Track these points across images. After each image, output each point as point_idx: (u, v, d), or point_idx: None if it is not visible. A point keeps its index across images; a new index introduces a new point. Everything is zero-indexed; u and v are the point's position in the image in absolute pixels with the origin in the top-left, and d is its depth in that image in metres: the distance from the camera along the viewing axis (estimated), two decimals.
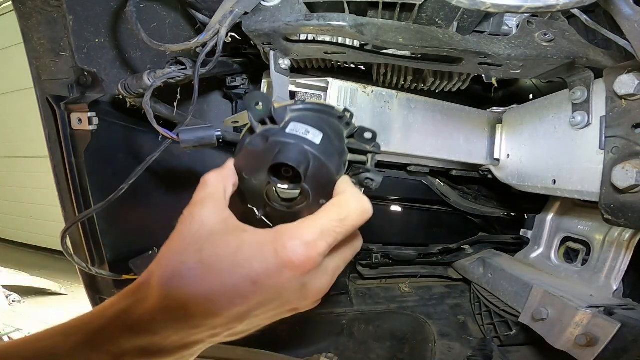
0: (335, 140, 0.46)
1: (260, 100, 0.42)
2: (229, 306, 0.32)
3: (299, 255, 0.32)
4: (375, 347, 0.80)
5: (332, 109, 0.48)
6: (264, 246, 0.33)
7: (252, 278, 0.32)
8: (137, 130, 0.64)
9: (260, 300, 0.33)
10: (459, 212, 0.86)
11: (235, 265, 0.32)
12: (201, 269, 0.33)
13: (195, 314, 0.32)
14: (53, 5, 0.54)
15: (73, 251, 0.64)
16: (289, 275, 0.32)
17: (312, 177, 0.42)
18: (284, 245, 0.32)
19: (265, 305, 0.34)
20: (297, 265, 0.32)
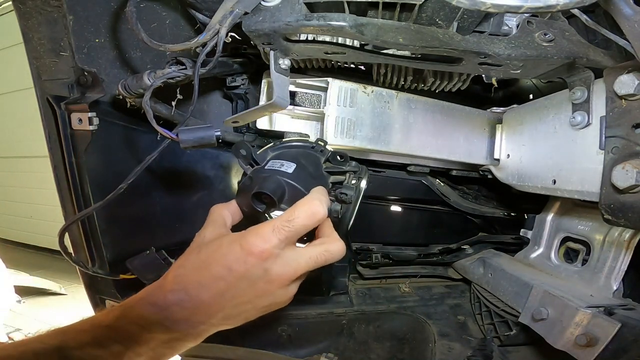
0: (310, 167, 0.58)
1: (243, 148, 0.56)
2: (214, 286, 0.46)
3: (256, 246, 0.45)
4: (375, 347, 0.80)
5: (305, 142, 0.62)
6: (233, 243, 0.47)
7: (227, 265, 0.46)
8: (137, 130, 0.64)
9: (234, 282, 0.46)
10: (459, 212, 0.86)
11: (215, 258, 0.47)
12: (196, 262, 0.48)
13: (193, 293, 0.46)
14: (53, 5, 0.54)
15: (73, 251, 0.64)
16: (252, 261, 0.46)
17: (290, 199, 0.53)
18: (246, 240, 0.46)
19: (240, 287, 0.47)
20: (255, 253, 0.45)
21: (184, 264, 0.49)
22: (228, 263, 0.46)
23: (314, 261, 0.49)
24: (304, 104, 0.67)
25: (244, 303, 0.48)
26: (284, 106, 0.53)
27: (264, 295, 0.48)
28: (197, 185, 0.74)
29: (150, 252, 0.63)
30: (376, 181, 0.79)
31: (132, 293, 0.66)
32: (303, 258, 0.49)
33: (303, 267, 0.49)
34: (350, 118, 0.64)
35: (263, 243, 0.46)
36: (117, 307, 0.47)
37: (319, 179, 0.58)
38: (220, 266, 0.46)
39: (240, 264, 0.46)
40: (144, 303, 0.46)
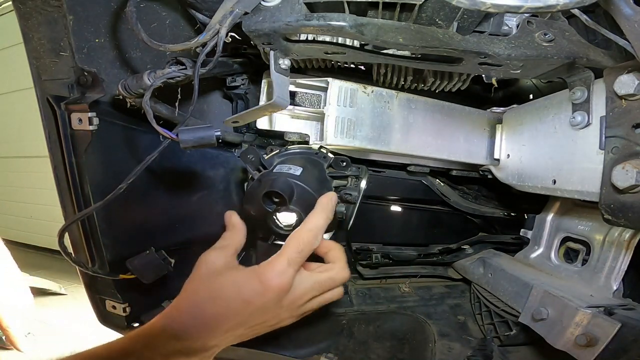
0: (315, 171, 0.63)
1: (251, 153, 0.60)
2: (231, 318, 0.49)
3: (274, 281, 0.49)
4: (375, 347, 0.80)
5: (309, 149, 0.67)
6: (251, 279, 0.50)
7: (245, 300, 0.49)
8: (137, 130, 0.64)
9: (250, 313, 0.49)
10: (459, 212, 0.86)
11: (233, 292, 0.49)
12: (211, 292, 0.50)
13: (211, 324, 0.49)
14: (53, 5, 0.54)
15: (73, 251, 0.64)
16: (270, 295, 0.49)
17: (298, 200, 0.57)
18: (265, 276, 0.49)
19: (254, 318, 0.50)
20: (273, 288, 0.49)
21: (197, 292, 0.51)
22: (246, 298, 0.49)
23: (319, 288, 0.54)
24: (304, 104, 0.67)
25: (253, 327, 0.52)
26: (284, 106, 0.53)
27: (273, 319, 0.52)
28: (197, 185, 0.74)
29: (150, 252, 0.63)
30: (376, 181, 0.79)
31: (132, 293, 0.67)
32: (309, 283, 0.53)
33: (309, 292, 0.53)
34: (350, 118, 0.64)
35: (280, 277, 0.49)
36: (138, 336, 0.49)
37: (324, 182, 0.63)
38: (239, 301, 0.49)
39: (259, 298, 0.49)
40: (166, 335, 0.48)
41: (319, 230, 0.54)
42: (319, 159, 0.66)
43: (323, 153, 0.66)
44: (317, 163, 0.66)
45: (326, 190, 0.61)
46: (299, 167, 0.60)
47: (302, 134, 0.68)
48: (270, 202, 0.58)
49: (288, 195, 0.54)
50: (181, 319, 0.49)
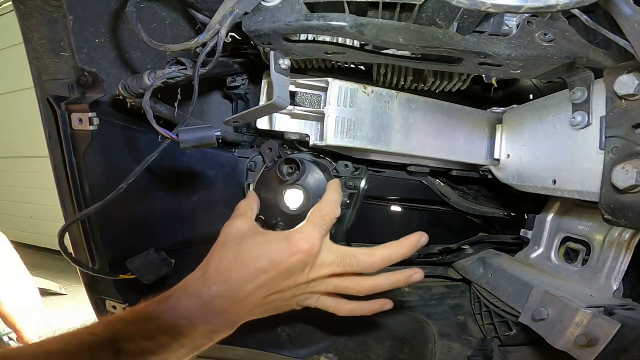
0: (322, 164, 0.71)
1: (270, 146, 0.72)
2: (256, 278, 0.49)
3: (303, 243, 0.51)
4: (375, 347, 0.80)
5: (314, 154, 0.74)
6: (280, 239, 0.52)
7: (273, 259, 0.50)
8: (137, 130, 0.64)
9: (276, 275, 0.50)
10: (459, 212, 0.86)
11: (260, 252, 0.51)
12: (237, 254, 0.51)
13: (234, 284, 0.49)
14: (53, 5, 0.54)
15: (73, 251, 0.64)
16: (297, 257, 0.50)
17: (309, 181, 0.67)
18: (294, 237, 0.51)
19: (279, 279, 0.50)
20: (302, 249, 0.51)
21: (222, 257, 0.52)
22: (273, 257, 0.50)
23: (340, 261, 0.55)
24: (304, 104, 0.67)
25: (275, 293, 0.52)
26: (284, 106, 0.53)
27: (293, 287, 0.53)
28: (197, 185, 0.74)
29: (150, 252, 0.63)
30: (376, 181, 0.79)
31: (132, 293, 0.67)
32: (333, 253, 0.55)
33: (330, 264, 0.54)
34: (350, 118, 0.64)
35: (308, 239, 0.51)
36: (162, 299, 0.50)
37: (329, 175, 0.71)
38: (266, 259, 0.50)
39: (286, 258, 0.50)
40: (189, 295, 0.49)
41: (336, 201, 0.58)
42: (325, 162, 0.73)
43: (327, 160, 0.74)
44: (324, 162, 0.73)
45: (330, 179, 0.69)
46: (310, 155, 0.71)
47: (302, 134, 0.68)
48: (286, 172, 0.66)
49: (302, 168, 0.63)
50: (206, 281, 0.49)
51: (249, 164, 0.75)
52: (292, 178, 0.66)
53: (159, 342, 0.46)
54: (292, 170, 0.68)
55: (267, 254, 0.50)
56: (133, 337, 0.46)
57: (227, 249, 0.52)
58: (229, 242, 0.53)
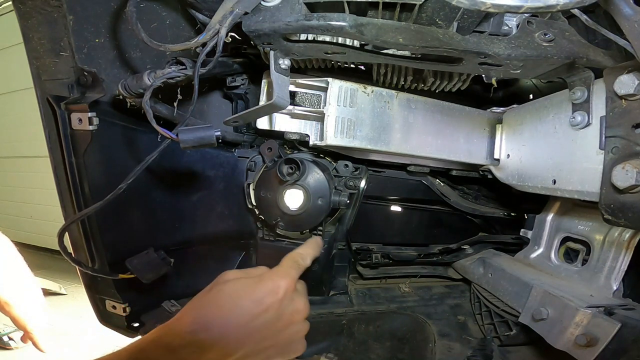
0: (322, 164, 0.71)
1: (270, 146, 0.72)
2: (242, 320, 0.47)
3: (284, 279, 0.52)
4: (375, 347, 0.80)
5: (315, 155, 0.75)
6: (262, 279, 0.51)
7: (258, 299, 0.49)
8: (137, 130, 0.64)
9: (262, 315, 0.48)
10: (459, 212, 0.86)
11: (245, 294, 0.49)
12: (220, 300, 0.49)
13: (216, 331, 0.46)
14: (53, 5, 0.54)
15: (73, 251, 0.64)
16: (282, 292, 0.50)
17: (309, 181, 0.67)
18: (276, 275, 0.53)
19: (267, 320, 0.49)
20: (285, 284, 0.51)
21: (204, 304, 0.49)
22: (260, 298, 0.49)
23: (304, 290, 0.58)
24: (304, 104, 0.67)
25: (267, 338, 0.49)
26: (284, 106, 0.53)
27: (288, 327, 0.51)
28: (197, 185, 0.74)
29: (150, 252, 0.63)
30: (376, 181, 0.79)
31: (132, 293, 0.67)
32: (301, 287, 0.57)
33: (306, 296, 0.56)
34: (350, 118, 0.64)
35: (286, 278, 0.52)
36: (128, 349, 0.46)
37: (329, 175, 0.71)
38: (252, 302, 0.48)
39: (272, 298, 0.49)
40: (155, 346, 0.45)
41: (307, 254, 0.60)
42: (324, 162, 0.73)
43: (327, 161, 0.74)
44: (324, 161, 0.73)
45: (330, 179, 0.71)
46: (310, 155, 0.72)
47: (302, 134, 0.68)
48: (286, 172, 0.67)
49: (302, 169, 0.64)
50: (180, 330, 0.46)
51: (249, 164, 0.75)
52: (292, 178, 0.66)
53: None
54: (292, 171, 0.68)
55: (252, 295, 0.49)
56: None
57: (209, 296, 0.50)
58: (211, 290, 0.51)
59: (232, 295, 0.49)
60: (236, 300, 0.48)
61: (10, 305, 0.66)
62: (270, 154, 0.72)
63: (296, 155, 0.71)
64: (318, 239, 0.68)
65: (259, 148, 0.74)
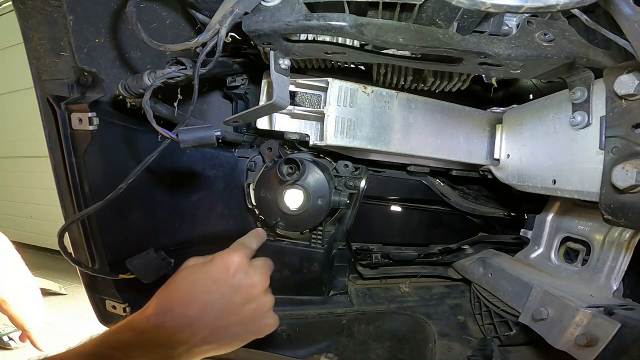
0: (322, 165, 0.72)
1: (270, 146, 0.72)
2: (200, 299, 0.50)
3: (235, 257, 0.53)
4: (375, 347, 0.80)
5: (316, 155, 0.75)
6: (214, 260, 0.54)
7: (212, 277, 0.51)
8: (137, 130, 0.64)
9: (220, 291, 0.51)
10: (459, 212, 0.86)
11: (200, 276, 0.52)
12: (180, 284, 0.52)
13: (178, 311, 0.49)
14: (53, 5, 0.54)
15: (73, 251, 0.64)
16: (234, 267, 0.53)
17: (309, 181, 0.68)
18: (226, 254, 0.54)
19: (225, 296, 0.51)
20: (237, 261, 0.53)
21: (167, 289, 0.52)
22: (213, 275, 0.52)
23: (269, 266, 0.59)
24: (304, 104, 0.67)
25: (229, 314, 0.51)
26: (284, 106, 0.53)
27: (248, 302, 0.53)
28: (197, 185, 0.74)
29: (150, 252, 0.63)
30: (376, 181, 0.79)
31: (132, 293, 0.67)
32: (262, 263, 0.58)
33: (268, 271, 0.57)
34: (350, 118, 0.64)
35: (237, 253, 0.54)
36: (99, 335, 0.49)
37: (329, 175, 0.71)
38: (206, 279, 0.51)
39: (225, 273, 0.52)
40: (124, 329, 0.48)
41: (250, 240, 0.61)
42: (325, 162, 0.73)
43: (327, 160, 0.75)
44: (324, 162, 0.73)
45: (330, 179, 0.71)
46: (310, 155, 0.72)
47: (302, 134, 0.68)
48: (286, 172, 0.67)
49: (302, 166, 0.65)
50: (145, 313, 0.49)
51: (249, 164, 0.75)
52: (292, 178, 0.66)
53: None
54: (292, 171, 0.68)
55: (207, 274, 0.52)
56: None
57: (172, 283, 0.53)
58: (174, 277, 0.54)
59: (189, 277, 0.52)
60: (193, 281, 0.51)
61: (8, 303, 0.66)
62: (270, 154, 0.72)
63: (296, 155, 0.70)
64: (260, 230, 0.67)
65: (259, 148, 0.74)
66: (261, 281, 0.54)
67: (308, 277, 0.78)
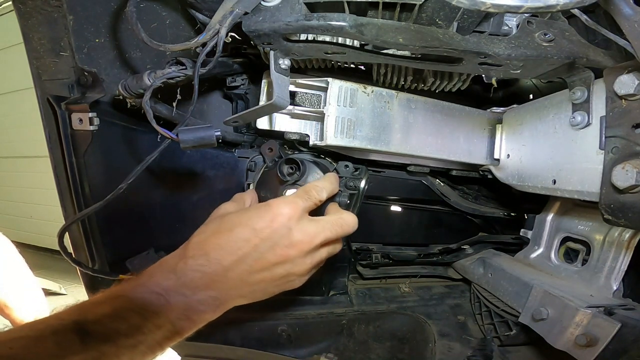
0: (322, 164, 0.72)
1: (270, 146, 0.72)
2: (236, 248, 0.46)
3: (283, 207, 0.49)
4: (375, 347, 0.80)
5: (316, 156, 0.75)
6: (261, 207, 0.50)
7: (253, 226, 0.47)
8: (137, 130, 0.64)
9: (257, 243, 0.47)
10: (459, 212, 0.86)
11: (241, 222, 0.48)
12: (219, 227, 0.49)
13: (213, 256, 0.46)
14: (53, 5, 0.54)
15: (73, 251, 0.64)
16: (279, 221, 0.48)
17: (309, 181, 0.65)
18: (274, 203, 0.49)
19: (262, 250, 0.47)
20: (283, 213, 0.48)
21: (204, 231, 0.49)
22: (254, 224, 0.47)
23: (330, 229, 0.52)
24: (304, 104, 0.67)
25: (262, 270, 0.48)
26: (284, 106, 0.53)
27: (282, 262, 0.48)
28: (197, 185, 0.74)
29: (150, 252, 0.63)
30: (376, 181, 0.79)
31: None
32: (320, 224, 0.51)
33: (321, 233, 0.50)
34: (350, 118, 0.64)
35: (289, 205, 0.49)
36: (136, 276, 0.47)
37: None
38: (246, 228, 0.47)
39: (267, 224, 0.47)
40: (163, 270, 0.46)
41: (324, 187, 0.55)
42: (325, 163, 0.73)
43: (328, 161, 0.75)
44: (325, 162, 0.73)
45: None
46: (311, 156, 0.72)
47: (302, 134, 0.68)
48: (286, 172, 0.67)
49: (303, 166, 0.64)
50: (183, 256, 0.46)
51: (249, 164, 0.75)
52: (293, 178, 0.66)
53: (129, 322, 0.42)
54: (293, 171, 0.68)
55: (248, 222, 0.48)
56: (100, 318, 0.41)
57: (210, 224, 0.50)
58: (212, 219, 0.52)
59: (229, 221, 0.49)
60: (232, 227, 0.48)
61: (10, 308, 0.66)
62: (271, 154, 0.72)
63: (296, 156, 0.70)
64: (334, 174, 0.64)
65: (259, 148, 0.74)
66: (303, 242, 0.49)
67: None
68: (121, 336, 0.41)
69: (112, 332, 0.41)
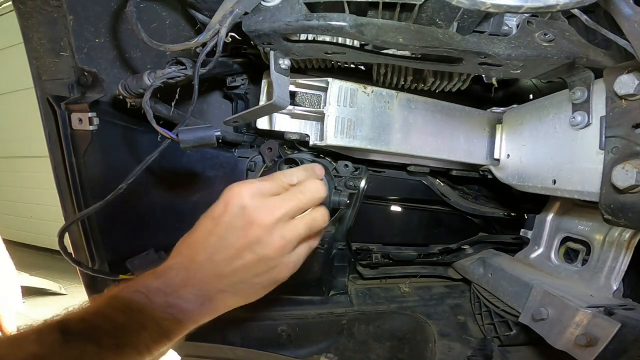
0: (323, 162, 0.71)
1: (270, 145, 0.73)
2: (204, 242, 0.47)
3: (232, 188, 0.48)
4: (375, 347, 0.80)
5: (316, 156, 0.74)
6: (218, 200, 0.49)
7: (211, 216, 0.48)
8: (137, 130, 0.64)
9: (220, 232, 0.47)
10: (459, 212, 0.86)
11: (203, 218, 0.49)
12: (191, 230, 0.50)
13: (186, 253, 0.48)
14: (53, 5, 0.54)
15: (73, 251, 0.64)
16: (231, 202, 0.47)
17: None
18: (228, 188, 0.48)
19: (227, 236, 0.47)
20: (232, 193, 0.47)
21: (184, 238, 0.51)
22: (212, 213, 0.48)
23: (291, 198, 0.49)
24: (304, 104, 0.67)
25: (232, 258, 0.46)
26: (284, 106, 0.53)
27: (248, 245, 0.46)
28: (197, 185, 0.74)
29: (150, 252, 0.63)
30: (376, 181, 0.79)
31: None
32: (280, 196, 0.49)
33: (281, 204, 0.48)
34: (350, 118, 0.64)
35: (241, 185, 0.48)
36: (121, 282, 0.48)
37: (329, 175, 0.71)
38: (207, 219, 0.48)
39: (222, 209, 0.47)
40: (149, 272, 0.48)
41: (293, 172, 0.53)
42: (325, 163, 0.73)
43: (327, 161, 0.75)
44: (325, 162, 0.73)
45: (330, 179, 0.70)
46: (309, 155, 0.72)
47: (302, 134, 0.68)
48: None
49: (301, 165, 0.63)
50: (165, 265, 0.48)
51: (249, 164, 0.75)
52: None
53: (113, 320, 0.42)
54: None
55: (208, 213, 0.49)
56: (84, 316, 0.42)
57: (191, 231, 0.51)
58: None
59: (197, 223, 0.50)
60: (200, 221, 0.49)
61: None
62: (270, 154, 0.72)
63: (296, 156, 0.70)
64: (316, 164, 0.58)
65: (259, 148, 0.74)
66: (262, 216, 0.46)
67: (308, 277, 0.78)
68: (104, 335, 0.41)
69: (95, 329, 0.41)
